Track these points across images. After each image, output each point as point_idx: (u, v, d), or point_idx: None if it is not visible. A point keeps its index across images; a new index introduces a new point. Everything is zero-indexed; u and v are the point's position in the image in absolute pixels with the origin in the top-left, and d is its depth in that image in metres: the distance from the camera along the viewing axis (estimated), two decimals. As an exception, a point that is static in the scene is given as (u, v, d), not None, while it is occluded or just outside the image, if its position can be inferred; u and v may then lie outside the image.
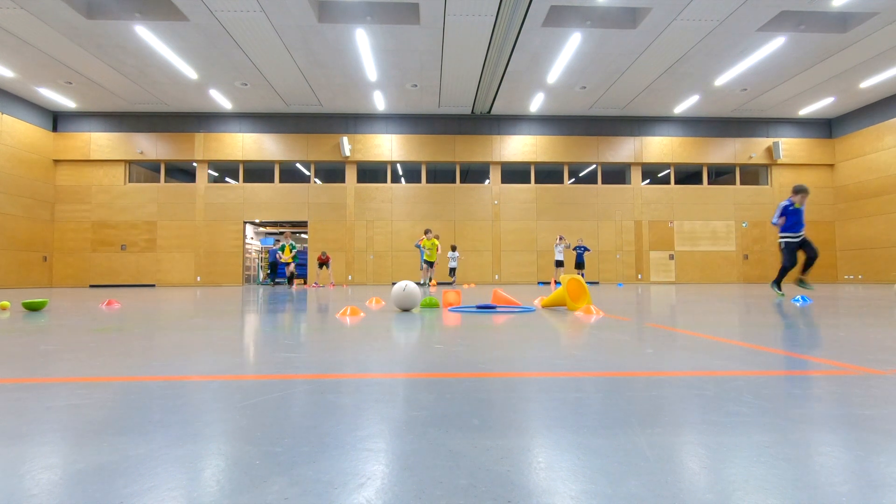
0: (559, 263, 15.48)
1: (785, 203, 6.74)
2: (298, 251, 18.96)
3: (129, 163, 17.02)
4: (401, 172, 18.49)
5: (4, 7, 10.11)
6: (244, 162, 17.20)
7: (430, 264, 13.51)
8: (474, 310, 4.28)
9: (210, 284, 16.57)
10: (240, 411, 1.21)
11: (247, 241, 18.01)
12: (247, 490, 0.76)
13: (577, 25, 11.21)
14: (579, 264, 15.73)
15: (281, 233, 24.47)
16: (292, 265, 14.57)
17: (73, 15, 10.46)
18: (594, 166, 17.97)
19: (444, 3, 10.14)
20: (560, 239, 15.61)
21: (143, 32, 11.21)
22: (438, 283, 16.03)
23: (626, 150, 17.62)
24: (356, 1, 10.47)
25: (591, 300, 4.55)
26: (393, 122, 17.27)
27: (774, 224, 6.85)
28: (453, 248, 15.52)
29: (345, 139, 16.76)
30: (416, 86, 14.67)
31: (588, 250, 15.85)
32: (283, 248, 14.32)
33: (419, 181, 17.57)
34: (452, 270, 15.33)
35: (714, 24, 11.07)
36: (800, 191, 6.70)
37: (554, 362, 1.87)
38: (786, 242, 6.72)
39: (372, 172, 17.66)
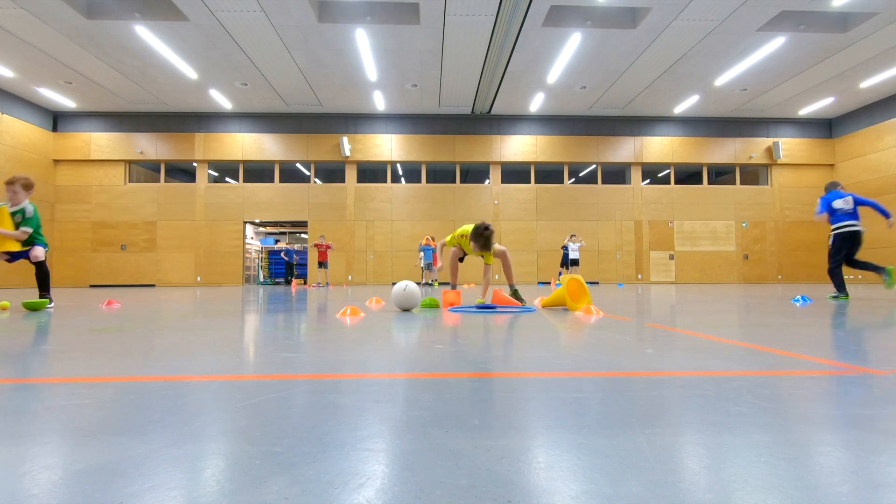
0: (574, 262, 15.53)
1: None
2: (279, 249, 18.94)
3: (129, 163, 17.02)
4: (401, 172, 18.49)
5: (4, 7, 10.11)
6: (244, 162, 17.20)
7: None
8: (474, 310, 4.28)
9: (210, 284, 16.56)
10: (240, 411, 1.21)
11: (247, 241, 18.01)
12: (247, 490, 0.76)
13: (577, 25, 11.21)
14: (565, 262, 15.86)
15: (281, 233, 24.25)
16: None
17: (73, 15, 10.46)
18: (594, 166, 17.97)
19: (444, 3, 10.14)
20: (572, 237, 15.67)
21: (143, 32, 11.21)
22: (441, 284, 15.95)
23: (626, 150, 17.62)
24: (356, 1, 10.47)
25: (591, 300, 4.55)
26: (393, 122, 17.27)
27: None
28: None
29: (345, 139, 16.76)
30: (416, 86, 14.66)
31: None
32: None
33: (419, 181, 17.57)
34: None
35: (714, 24, 11.07)
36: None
37: (554, 362, 1.86)
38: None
39: (372, 172, 17.66)
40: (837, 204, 6.44)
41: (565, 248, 15.91)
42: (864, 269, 6.37)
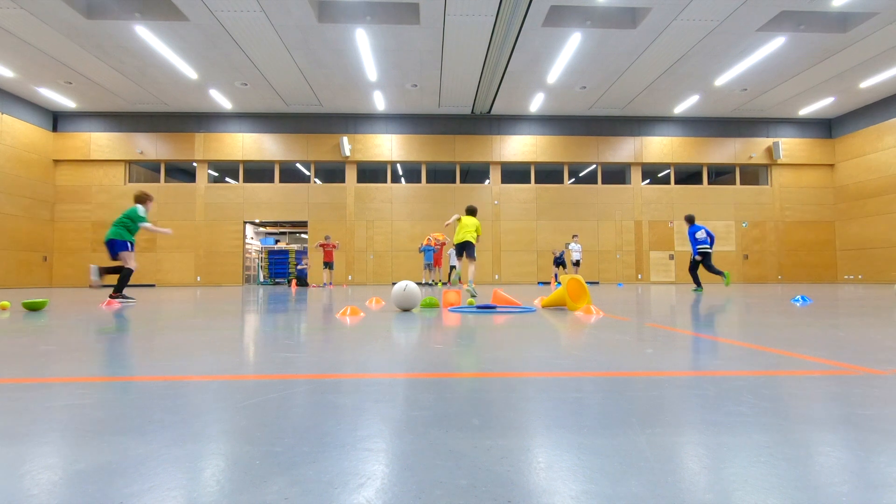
0: (576, 263, 15.49)
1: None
2: (298, 250, 18.97)
3: (129, 163, 17.02)
4: (401, 172, 18.49)
5: (4, 7, 10.11)
6: (244, 162, 17.19)
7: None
8: (474, 310, 4.28)
9: (210, 284, 16.56)
10: (240, 411, 1.21)
11: (247, 241, 18.01)
12: (247, 490, 0.76)
13: (577, 25, 11.21)
14: (559, 262, 15.80)
15: (281, 233, 24.22)
16: None
17: (73, 15, 10.46)
18: (594, 166, 17.97)
19: (444, 3, 10.14)
20: (574, 237, 15.62)
21: (143, 32, 11.21)
22: (444, 284, 15.98)
23: (626, 150, 17.61)
24: (356, 1, 10.47)
25: (591, 300, 4.55)
26: (393, 122, 17.27)
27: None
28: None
29: (345, 139, 16.76)
30: (416, 86, 14.66)
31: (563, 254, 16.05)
32: None
33: (419, 181, 17.57)
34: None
35: (714, 24, 11.07)
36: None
37: (554, 362, 1.87)
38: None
39: (372, 172, 17.66)
40: (699, 234, 10.02)
41: (562, 252, 15.96)
42: (714, 273, 9.93)
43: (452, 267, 15.22)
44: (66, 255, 16.54)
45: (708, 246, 9.99)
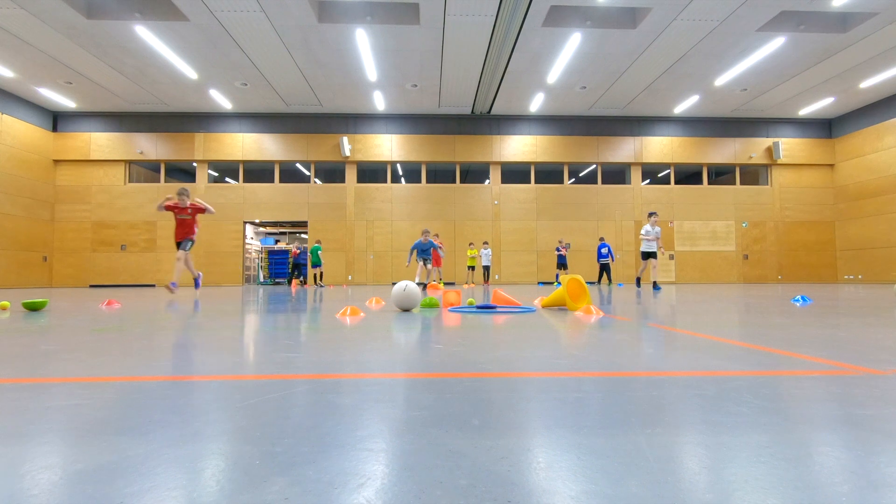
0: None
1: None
2: (301, 251, 18.99)
3: (129, 163, 17.02)
4: (401, 172, 18.49)
5: (4, 7, 10.11)
6: (244, 162, 17.19)
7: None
8: (474, 310, 4.28)
9: (210, 284, 16.56)
10: (240, 411, 1.21)
11: (247, 241, 18.01)
12: (247, 490, 0.76)
13: (577, 25, 11.21)
14: (561, 265, 15.52)
15: (281, 233, 24.26)
16: None
17: (73, 15, 10.46)
18: (594, 166, 17.97)
19: (444, 3, 10.14)
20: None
21: (143, 32, 11.21)
22: (446, 284, 15.95)
23: (626, 150, 17.61)
24: (356, 1, 10.47)
25: (591, 300, 4.54)
26: (393, 122, 17.27)
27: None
28: (485, 244, 16.09)
29: (345, 139, 16.76)
30: (416, 86, 14.67)
31: (568, 248, 15.64)
32: None
33: (419, 181, 17.57)
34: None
35: (714, 24, 11.07)
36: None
37: (554, 362, 1.87)
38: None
39: (372, 172, 17.66)
40: (603, 250, 13.93)
41: (566, 247, 15.72)
42: (605, 275, 14.16)
43: (486, 266, 16.10)
44: (66, 255, 16.54)
45: (609, 259, 13.97)
